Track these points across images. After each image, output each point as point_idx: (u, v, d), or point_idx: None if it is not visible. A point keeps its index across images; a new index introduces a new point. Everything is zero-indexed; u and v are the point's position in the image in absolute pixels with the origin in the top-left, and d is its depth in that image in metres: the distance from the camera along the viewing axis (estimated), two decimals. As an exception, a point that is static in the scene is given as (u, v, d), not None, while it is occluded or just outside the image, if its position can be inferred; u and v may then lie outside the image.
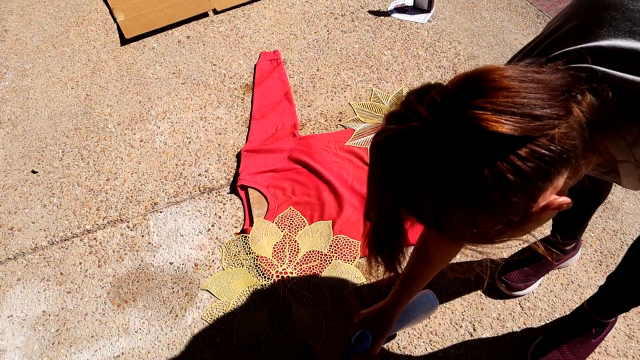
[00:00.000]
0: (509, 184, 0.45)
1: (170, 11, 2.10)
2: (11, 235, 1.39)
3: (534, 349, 1.08)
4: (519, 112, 0.44)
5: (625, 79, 0.53)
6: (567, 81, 0.49)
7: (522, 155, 0.44)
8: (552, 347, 1.06)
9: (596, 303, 1.04)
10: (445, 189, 0.47)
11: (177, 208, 1.43)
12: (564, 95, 0.48)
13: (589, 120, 0.51)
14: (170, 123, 1.67)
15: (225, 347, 1.14)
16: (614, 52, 0.55)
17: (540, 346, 1.08)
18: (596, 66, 0.54)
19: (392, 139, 0.49)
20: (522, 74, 0.47)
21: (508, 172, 0.45)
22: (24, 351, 1.17)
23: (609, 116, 0.53)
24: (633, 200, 1.37)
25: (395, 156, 0.49)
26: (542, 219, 0.53)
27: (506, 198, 0.46)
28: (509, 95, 0.45)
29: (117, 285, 1.27)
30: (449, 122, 0.45)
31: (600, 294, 1.02)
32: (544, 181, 0.47)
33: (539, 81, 0.47)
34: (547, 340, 1.08)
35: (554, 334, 1.08)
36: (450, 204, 0.48)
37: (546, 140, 0.45)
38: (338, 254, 1.28)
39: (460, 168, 0.46)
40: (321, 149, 1.52)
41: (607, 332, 1.09)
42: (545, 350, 1.07)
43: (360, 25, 1.99)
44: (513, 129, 0.43)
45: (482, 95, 0.45)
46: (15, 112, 1.74)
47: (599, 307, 1.04)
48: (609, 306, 1.03)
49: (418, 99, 0.48)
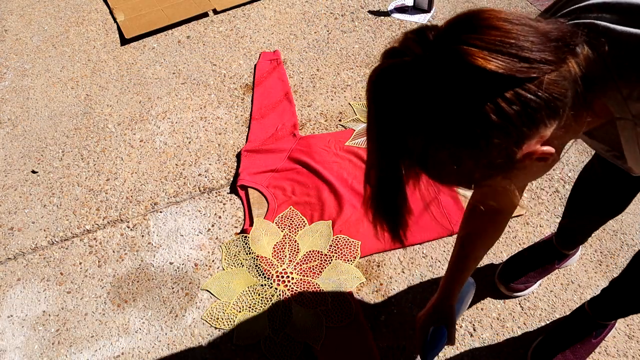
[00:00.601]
0: (491, 124, 0.45)
1: (170, 11, 2.10)
2: (11, 235, 1.39)
3: (534, 349, 1.08)
4: (507, 51, 0.45)
5: (624, 32, 0.53)
6: (564, 32, 0.50)
7: (507, 97, 0.45)
8: (553, 348, 1.06)
9: (597, 305, 1.04)
10: (430, 123, 0.48)
11: (177, 208, 1.43)
12: (557, 44, 0.48)
13: (585, 74, 0.51)
14: (170, 123, 1.67)
15: (225, 347, 1.14)
16: (618, 7, 0.56)
17: (540, 346, 1.08)
18: (598, 21, 0.54)
19: (384, 72, 0.50)
20: (516, 18, 0.48)
21: (491, 112, 0.45)
22: (24, 351, 1.17)
23: (605, 68, 0.53)
24: (633, 200, 1.37)
25: (386, 89, 0.50)
26: (527, 169, 0.53)
27: (488, 138, 0.47)
28: (500, 35, 0.45)
29: (117, 285, 1.27)
30: (439, 57, 0.46)
31: (602, 296, 1.02)
32: (529, 127, 0.47)
33: (532, 27, 0.48)
34: (548, 341, 1.08)
35: (554, 335, 1.08)
36: (435, 139, 0.48)
37: (534, 86, 0.46)
38: (338, 254, 1.28)
39: (445, 103, 0.46)
40: (321, 149, 1.52)
41: (607, 333, 1.09)
42: (546, 350, 1.07)
43: (360, 25, 1.99)
44: (499, 66, 0.44)
45: (474, 31, 0.46)
46: (15, 112, 1.74)
47: (600, 309, 1.04)
48: (610, 309, 1.03)
49: (413, 36, 0.50)
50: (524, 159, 0.50)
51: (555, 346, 1.06)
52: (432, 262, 1.26)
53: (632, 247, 1.28)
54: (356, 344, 1.12)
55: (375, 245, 1.29)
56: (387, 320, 1.17)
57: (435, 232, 1.30)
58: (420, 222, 1.32)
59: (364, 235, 1.31)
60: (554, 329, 1.09)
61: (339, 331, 1.14)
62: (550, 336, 1.08)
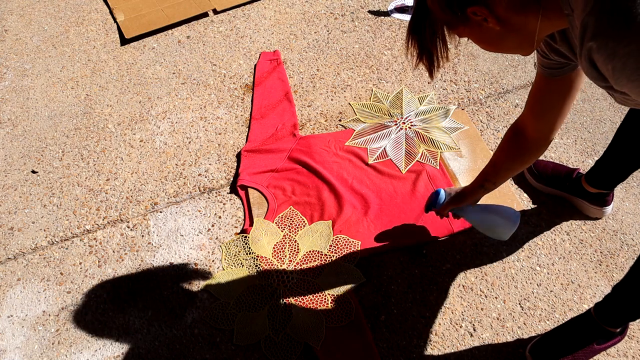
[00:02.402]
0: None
1: (170, 11, 2.10)
2: (11, 235, 1.39)
3: (533, 346, 1.08)
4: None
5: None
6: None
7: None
8: (554, 350, 1.06)
9: (603, 310, 1.04)
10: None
11: (177, 208, 1.43)
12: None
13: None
14: (170, 123, 1.67)
15: (225, 347, 1.14)
16: None
17: (540, 345, 1.07)
18: None
19: None
20: None
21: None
22: (24, 351, 1.17)
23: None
24: (633, 200, 1.37)
25: None
26: (479, 30, 0.70)
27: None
28: None
29: (117, 285, 1.27)
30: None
31: (606, 301, 1.02)
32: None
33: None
34: (549, 341, 1.08)
35: (556, 336, 1.08)
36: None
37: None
38: (338, 254, 1.28)
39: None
40: (321, 149, 1.52)
41: (614, 343, 1.08)
42: (545, 348, 1.07)
43: (360, 25, 1.99)
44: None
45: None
46: (15, 112, 1.74)
47: (606, 314, 1.03)
48: (615, 314, 1.02)
49: None
50: (471, 17, 0.65)
51: (557, 348, 1.06)
52: (432, 262, 1.26)
53: (632, 247, 1.28)
54: (356, 344, 1.12)
55: (375, 245, 1.29)
56: (387, 320, 1.17)
57: (435, 232, 1.30)
58: (420, 222, 1.32)
59: (364, 235, 1.31)
60: (557, 330, 1.09)
61: (339, 331, 1.14)
62: (552, 336, 1.08)
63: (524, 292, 1.21)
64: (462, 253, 1.28)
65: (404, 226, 1.31)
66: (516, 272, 1.24)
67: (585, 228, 1.32)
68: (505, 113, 1.63)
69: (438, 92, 1.71)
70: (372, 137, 1.56)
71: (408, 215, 1.33)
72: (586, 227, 1.32)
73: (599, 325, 1.05)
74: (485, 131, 1.57)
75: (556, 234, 1.31)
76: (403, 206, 1.35)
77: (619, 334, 1.08)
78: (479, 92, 1.70)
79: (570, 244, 1.29)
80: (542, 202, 1.37)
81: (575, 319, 1.09)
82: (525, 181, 1.41)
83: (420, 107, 1.65)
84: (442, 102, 1.67)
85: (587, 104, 1.65)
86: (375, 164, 1.48)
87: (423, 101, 1.67)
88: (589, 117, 1.61)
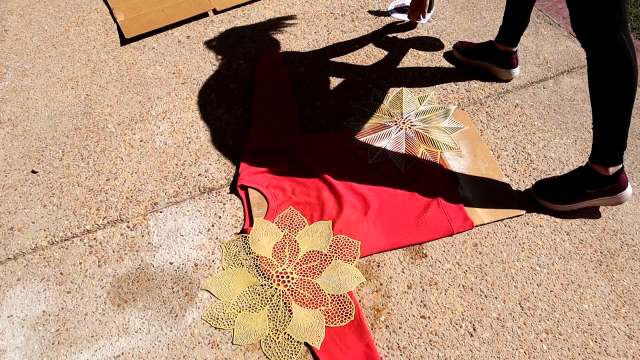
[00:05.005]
0: None
1: (170, 11, 2.10)
2: (11, 235, 1.39)
3: (536, 185, 1.36)
4: None
5: None
6: None
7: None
8: (551, 185, 1.34)
9: (592, 154, 1.27)
10: None
11: (177, 208, 1.43)
12: None
13: None
14: (170, 123, 1.67)
15: (225, 347, 1.14)
16: None
17: (541, 183, 1.35)
18: None
19: None
20: None
21: None
22: (24, 351, 1.17)
23: None
24: (633, 200, 1.37)
25: None
26: None
27: None
28: None
29: (117, 285, 1.27)
30: None
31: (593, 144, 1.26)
32: None
33: None
34: (549, 181, 1.35)
35: (556, 179, 1.35)
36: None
37: None
38: (338, 254, 1.28)
39: None
40: (321, 149, 1.52)
41: (602, 193, 1.28)
42: (545, 186, 1.34)
43: (360, 25, 1.99)
44: None
45: None
46: (15, 112, 1.74)
47: (594, 155, 1.26)
48: (601, 151, 1.24)
49: None
50: None
51: (554, 184, 1.34)
52: (432, 262, 1.26)
53: (632, 247, 1.28)
54: (356, 344, 1.12)
55: (375, 245, 1.29)
56: (387, 320, 1.17)
57: (435, 232, 1.30)
58: (421, 222, 1.32)
59: (364, 235, 1.31)
60: (558, 177, 1.35)
61: (339, 331, 1.14)
62: (552, 179, 1.36)
63: (524, 292, 1.21)
64: (462, 253, 1.28)
65: (404, 226, 1.32)
66: (516, 272, 1.24)
67: (585, 228, 1.32)
68: (505, 113, 1.63)
69: (438, 92, 1.71)
70: (372, 137, 1.56)
71: (408, 215, 1.33)
72: (586, 227, 1.32)
73: (593, 171, 1.26)
74: (485, 131, 1.58)
75: (556, 234, 1.31)
76: (403, 206, 1.35)
77: (611, 182, 1.26)
78: (479, 92, 1.70)
79: (570, 244, 1.29)
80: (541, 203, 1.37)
81: (573, 171, 1.33)
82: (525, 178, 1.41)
83: (420, 107, 1.65)
84: (442, 102, 1.67)
85: (587, 104, 1.65)
86: (375, 164, 1.48)
87: (423, 101, 1.67)
88: (589, 117, 1.61)
